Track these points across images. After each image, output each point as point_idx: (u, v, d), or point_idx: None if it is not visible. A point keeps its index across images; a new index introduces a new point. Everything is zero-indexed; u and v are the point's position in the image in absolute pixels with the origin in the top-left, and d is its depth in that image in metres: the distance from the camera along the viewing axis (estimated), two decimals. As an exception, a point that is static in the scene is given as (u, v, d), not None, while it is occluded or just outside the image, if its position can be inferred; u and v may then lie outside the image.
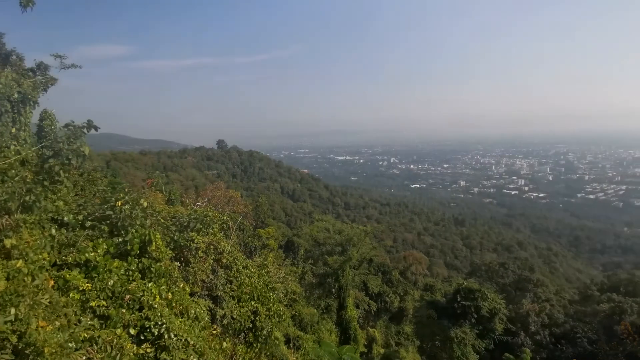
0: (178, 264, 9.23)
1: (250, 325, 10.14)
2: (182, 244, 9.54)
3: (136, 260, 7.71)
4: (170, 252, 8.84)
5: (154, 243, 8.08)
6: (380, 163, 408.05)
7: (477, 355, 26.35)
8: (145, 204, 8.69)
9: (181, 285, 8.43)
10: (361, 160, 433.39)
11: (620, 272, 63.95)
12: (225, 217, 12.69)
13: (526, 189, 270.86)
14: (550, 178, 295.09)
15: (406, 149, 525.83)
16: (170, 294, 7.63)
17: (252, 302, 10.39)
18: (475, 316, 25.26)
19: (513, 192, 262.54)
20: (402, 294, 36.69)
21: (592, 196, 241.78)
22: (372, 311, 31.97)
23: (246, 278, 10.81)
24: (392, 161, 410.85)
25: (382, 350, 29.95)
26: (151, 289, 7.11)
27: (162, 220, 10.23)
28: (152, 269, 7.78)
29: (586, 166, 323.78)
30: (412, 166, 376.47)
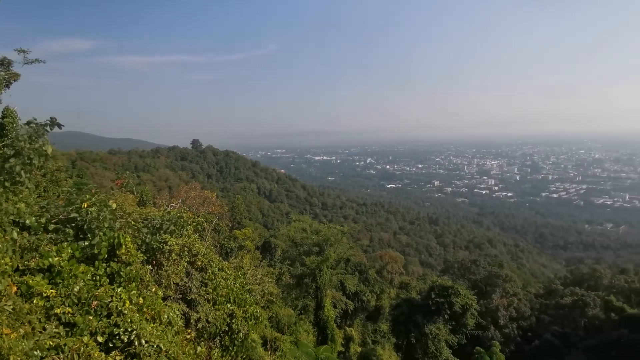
0: (150, 267, 8.91)
1: (226, 329, 9.94)
2: (154, 246, 9.22)
3: (104, 264, 7.40)
4: (141, 255, 8.52)
5: (123, 246, 7.78)
6: (357, 163, 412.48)
7: (450, 350, 27.12)
8: (114, 206, 8.35)
9: (153, 290, 8.14)
10: (338, 161, 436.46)
11: (582, 267, 67.73)
12: (200, 219, 12.39)
13: (496, 188, 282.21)
14: (518, 178, 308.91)
15: (382, 149, 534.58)
16: (141, 298, 7.37)
17: (228, 305, 10.20)
18: (449, 312, 25.99)
19: (484, 192, 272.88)
20: (378, 292, 37.24)
21: (555, 195, 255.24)
22: (349, 310, 32.23)
23: (222, 280, 10.60)
24: (368, 161, 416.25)
25: (359, 349, 30.25)
26: (120, 294, 6.84)
27: (132, 223, 9.85)
28: (121, 273, 7.49)
29: (550, 167, 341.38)
30: (388, 166, 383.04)
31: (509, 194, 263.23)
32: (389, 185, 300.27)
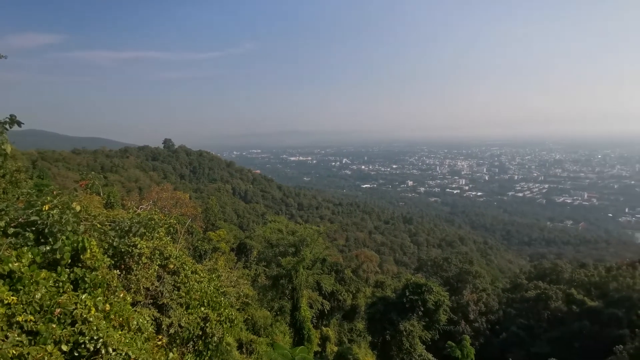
0: (118, 272, 8.55)
1: (200, 333, 9.70)
2: (122, 250, 8.86)
3: (67, 270, 7.06)
4: (108, 259, 8.18)
5: (88, 250, 7.44)
6: (333, 164, 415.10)
7: (424, 346, 27.80)
8: (78, 208, 7.97)
9: (121, 295, 7.82)
10: (314, 161, 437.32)
11: (544, 262, 71.42)
12: (172, 220, 12.05)
13: (466, 188, 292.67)
14: (487, 178, 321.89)
15: (358, 150, 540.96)
16: (108, 305, 7.09)
17: (202, 308, 9.95)
18: (422, 309, 26.63)
19: (455, 192, 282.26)
20: (354, 291, 37.59)
21: (520, 194, 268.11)
22: (326, 310, 32.34)
23: (195, 283, 10.33)
24: (344, 162, 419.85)
25: (335, 348, 30.41)
26: (85, 301, 6.55)
27: (98, 226, 9.43)
28: (86, 279, 7.16)
29: (516, 167, 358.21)
30: (363, 167, 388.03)
31: (479, 194, 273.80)
32: (365, 186, 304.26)
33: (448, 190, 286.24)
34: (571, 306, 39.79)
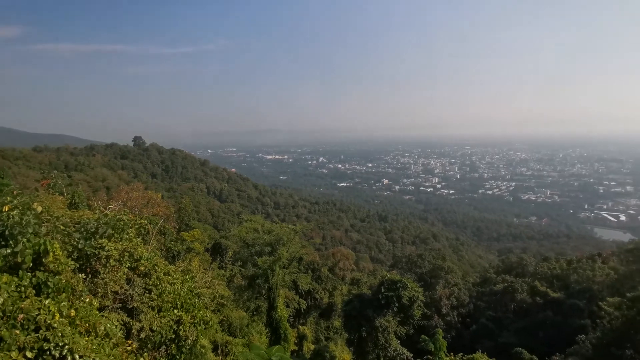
0: (83, 275, 8.17)
1: (173, 336, 9.43)
2: (88, 252, 8.47)
3: (29, 274, 6.67)
4: (72, 262, 7.79)
5: (51, 253, 7.07)
6: (310, 162, 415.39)
7: (399, 341, 28.39)
8: (39, 209, 7.54)
9: (87, 300, 7.48)
10: (290, 160, 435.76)
11: (511, 256, 74.61)
12: (143, 221, 11.64)
13: (439, 186, 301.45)
14: (458, 176, 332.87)
15: (334, 148, 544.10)
16: (73, 310, 6.80)
17: (175, 311, 9.68)
18: (397, 305, 27.14)
19: (428, 190, 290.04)
20: (331, 289, 37.83)
21: (490, 192, 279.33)
22: (302, 309, 32.35)
23: (168, 285, 10.03)
24: (320, 160, 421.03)
25: (312, 347, 30.51)
26: (49, 307, 6.26)
27: (62, 227, 8.96)
28: (49, 283, 6.80)
29: (485, 166, 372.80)
30: (339, 165, 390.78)
31: (451, 192, 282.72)
32: (341, 184, 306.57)
33: (422, 188, 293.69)
34: (535, 298, 41.86)
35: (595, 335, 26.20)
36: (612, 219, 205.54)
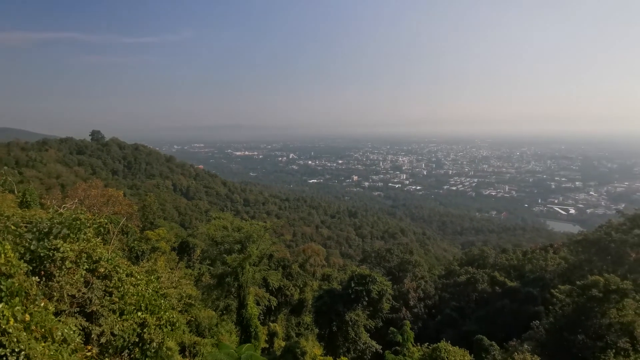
0: (37, 278, 7.63)
1: (137, 340, 9.04)
2: (42, 254, 7.91)
3: (-24, 278, 6.16)
4: (25, 265, 7.26)
5: (2, 255, 6.59)
6: (280, 159, 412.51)
7: (368, 334, 29.06)
8: (-15, 208, 6.92)
9: (42, 304, 7.02)
10: (260, 156, 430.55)
11: (473, 249, 78.39)
12: (102, 220, 11.03)
13: (407, 182, 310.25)
14: (425, 173, 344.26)
15: (304, 145, 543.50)
16: (28, 315, 6.45)
17: (139, 313, 9.29)
18: (367, 299, 27.73)
19: (397, 186, 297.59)
20: (301, 286, 37.91)
21: (454, 188, 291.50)
22: (273, 306, 32.19)
23: (131, 287, 9.59)
24: (291, 157, 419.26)
25: (283, 343, 30.44)
26: (2, 311, 5.95)
27: (12, 227, 8.31)
28: (1, 286, 6.35)
29: (450, 163, 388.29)
30: (310, 162, 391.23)
31: (418, 188, 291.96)
32: (311, 181, 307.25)
33: (390, 184, 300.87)
34: (495, 287, 44.34)
35: (548, 320, 28.05)
36: (563, 212, 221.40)
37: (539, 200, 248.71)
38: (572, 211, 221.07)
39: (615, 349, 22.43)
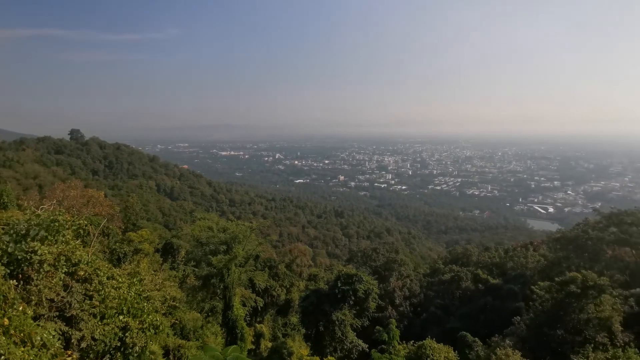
0: (15, 282, 7.38)
1: (119, 344, 8.85)
2: (19, 257, 7.65)
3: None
4: (2, 268, 7.03)
5: (-24, 259, 6.31)
6: (266, 159, 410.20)
7: (355, 333, 29.20)
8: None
9: (21, 308, 6.81)
10: (246, 156, 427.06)
11: (457, 247, 79.78)
12: (82, 221, 10.72)
13: (392, 182, 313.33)
14: (410, 173, 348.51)
15: (291, 145, 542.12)
16: (6, 319, 6.31)
17: (121, 317, 9.08)
18: (353, 298, 27.85)
19: (382, 186, 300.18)
20: (288, 286, 37.80)
21: (439, 187, 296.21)
22: (259, 307, 32.00)
23: (112, 290, 9.36)
24: (277, 157, 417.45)
25: (269, 344, 30.31)
26: None
27: (-13, 230, 7.99)
28: (-24, 291, 6.12)
29: (434, 163, 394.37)
30: (296, 162, 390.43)
31: (403, 187, 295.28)
32: (298, 181, 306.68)
33: (376, 184, 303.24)
34: (478, 285, 45.29)
35: (528, 316, 28.82)
36: (542, 211, 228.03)
37: (520, 200, 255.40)
38: (551, 210, 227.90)
39: (594, 343, 23.15)
